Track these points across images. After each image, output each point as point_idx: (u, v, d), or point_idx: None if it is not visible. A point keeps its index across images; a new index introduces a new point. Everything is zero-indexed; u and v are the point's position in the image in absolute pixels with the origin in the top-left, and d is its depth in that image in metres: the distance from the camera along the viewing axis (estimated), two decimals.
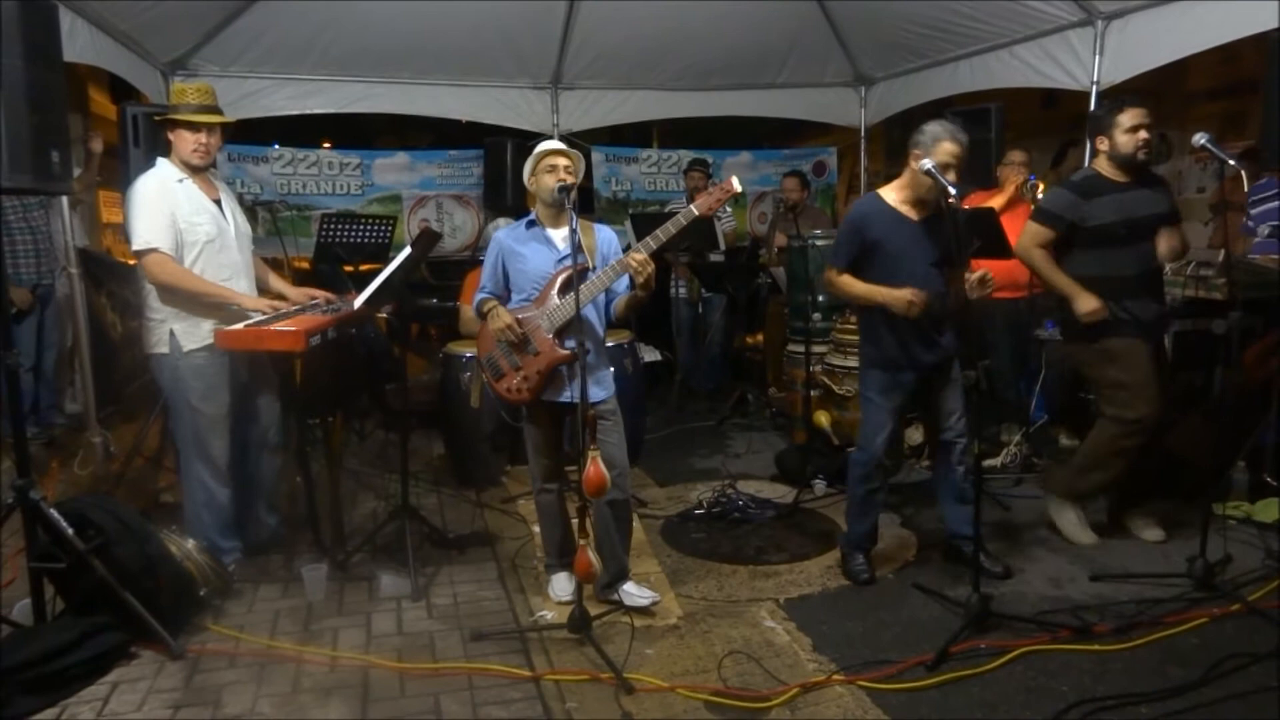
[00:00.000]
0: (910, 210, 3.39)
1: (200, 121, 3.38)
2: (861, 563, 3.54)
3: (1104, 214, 3.57)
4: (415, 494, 4.30)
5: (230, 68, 5.87)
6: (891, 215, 3.39)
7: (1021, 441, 4.88)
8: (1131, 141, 3.52)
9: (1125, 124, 3.53)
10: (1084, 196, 3.61)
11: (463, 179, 7.42)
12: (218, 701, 2.75)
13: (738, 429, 5.90)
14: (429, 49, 6.15)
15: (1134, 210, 3.56)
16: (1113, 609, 3.19)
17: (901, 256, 3.34)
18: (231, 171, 6.67)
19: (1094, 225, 3.58)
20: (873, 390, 3.51)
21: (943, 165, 3.20)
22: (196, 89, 3.43)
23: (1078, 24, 4.99)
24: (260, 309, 3.41)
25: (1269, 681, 2.68)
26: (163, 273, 3.31)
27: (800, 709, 2.67)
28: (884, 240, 3.36)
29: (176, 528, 3.46)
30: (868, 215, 3.42)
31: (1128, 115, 3.53)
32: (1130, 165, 3.56)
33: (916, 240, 3.36)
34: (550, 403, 3.25)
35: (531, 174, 3.24)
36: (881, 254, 3.37)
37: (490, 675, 2.87)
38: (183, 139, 3.40)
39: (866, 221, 3.41)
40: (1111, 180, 3.61)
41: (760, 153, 8.26)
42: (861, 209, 3.50)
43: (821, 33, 6.45)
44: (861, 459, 3.53)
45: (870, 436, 3.50)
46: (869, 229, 3.39)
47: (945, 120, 3.38)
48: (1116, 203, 3.56)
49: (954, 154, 3.25)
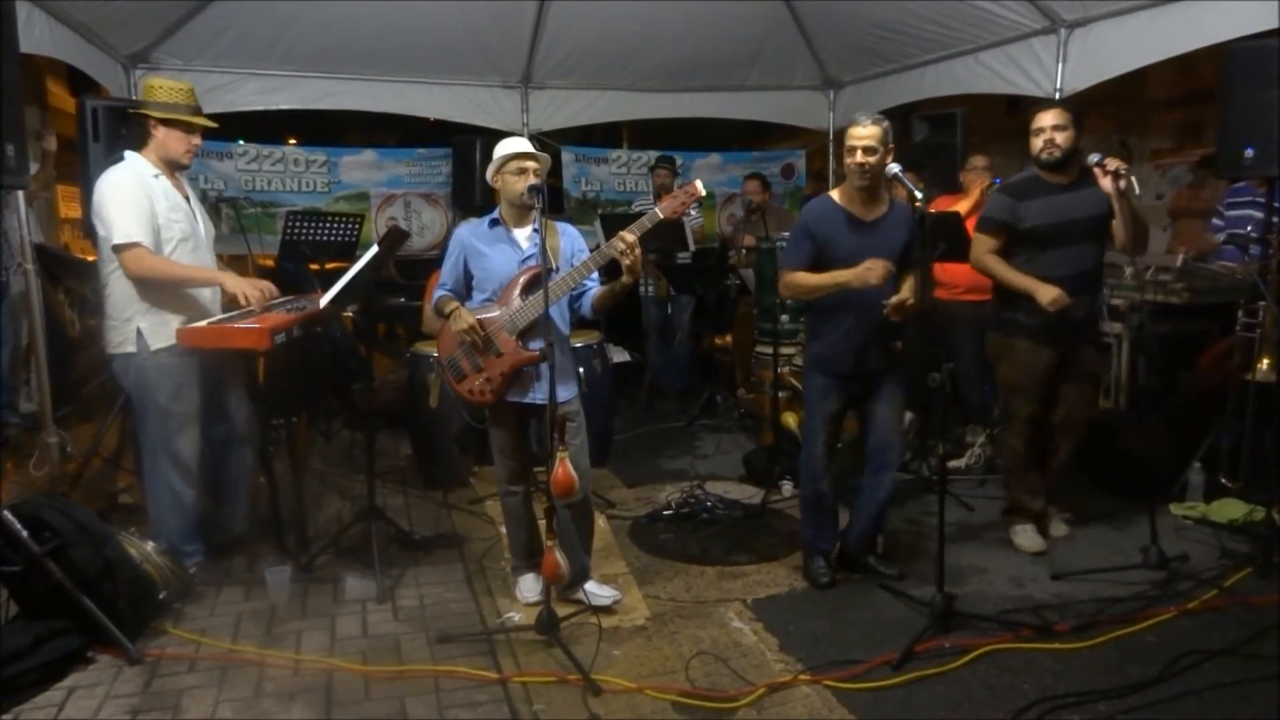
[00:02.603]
0: (859, 210, 3.38)
1: (198, 124, 3.38)
2: (821, 565, 3.55)
3: (1036, 216, 3.63)
4: (382, 495, 4.25)
5: (194, 62, 5.77)
6: (842, 216, 3.38)
7: (985, 443, 4.94)
8: (1035, 143, 3.62)
9: (1032, 127, 3.64)
10: (1019, 198, 3.67)
11: (431, 177, 7.37)
12: (177, 706, 2.71)
13: (706, 430, 5.92)
14: (397, 46, 6.09)
15: (1068, 212, 3.60)
16: (1073, 607, 3.25)
17: (853, 257, 3.32)
18: (195, 167, 6.44)
19: (1026, 227, 3.65)
20: (812, 392, 3.53)
21: (849, 149, 3.24)
22: (186, 89, 3.41)
23: (1041, 32, 5.07)
24: (242, 291, 3.33)
25: (1224, 678, 2.75)
26: (143, 266, 3.24)
27: (767, 709, 2.68)
28: (834, 241, 3.35)
29: (135, 529, 3.39)
30: (818, 217, 3.42)
31: (1035, 119, 3.63)
32: (1047, 166, 3.62)
33: (868, 240, 3.34)
34: (514, 404, 3.23)
35: (497, 173, 3.21)
36: (831, 255, 3.36)
37: (457, 677, 2.85)
38: (177, 139, 3.37)
39: (817, 223, 3.41)
40: (1048, 182, 3.65)
41: (729, 154, 8.30)
42: (812, 211, 3.50)
43: (790, 36, 6.49)
44: (804, 459, 3.58)
45: (810, 439, 3.54)
46: (819, 230, 3.38)
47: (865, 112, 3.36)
48: (1050, 204, 3.62)
49: (856, 135, 3.25)
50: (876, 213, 3.38)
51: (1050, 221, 3.61)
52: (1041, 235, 3.63)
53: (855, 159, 3.26)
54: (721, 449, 5.48)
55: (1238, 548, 3.72)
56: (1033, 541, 3.82)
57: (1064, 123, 3.56)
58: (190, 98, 3.41)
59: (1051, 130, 3.56)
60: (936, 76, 5.96)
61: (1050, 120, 3.58)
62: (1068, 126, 3.56)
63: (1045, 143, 3.58)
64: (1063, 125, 3.56)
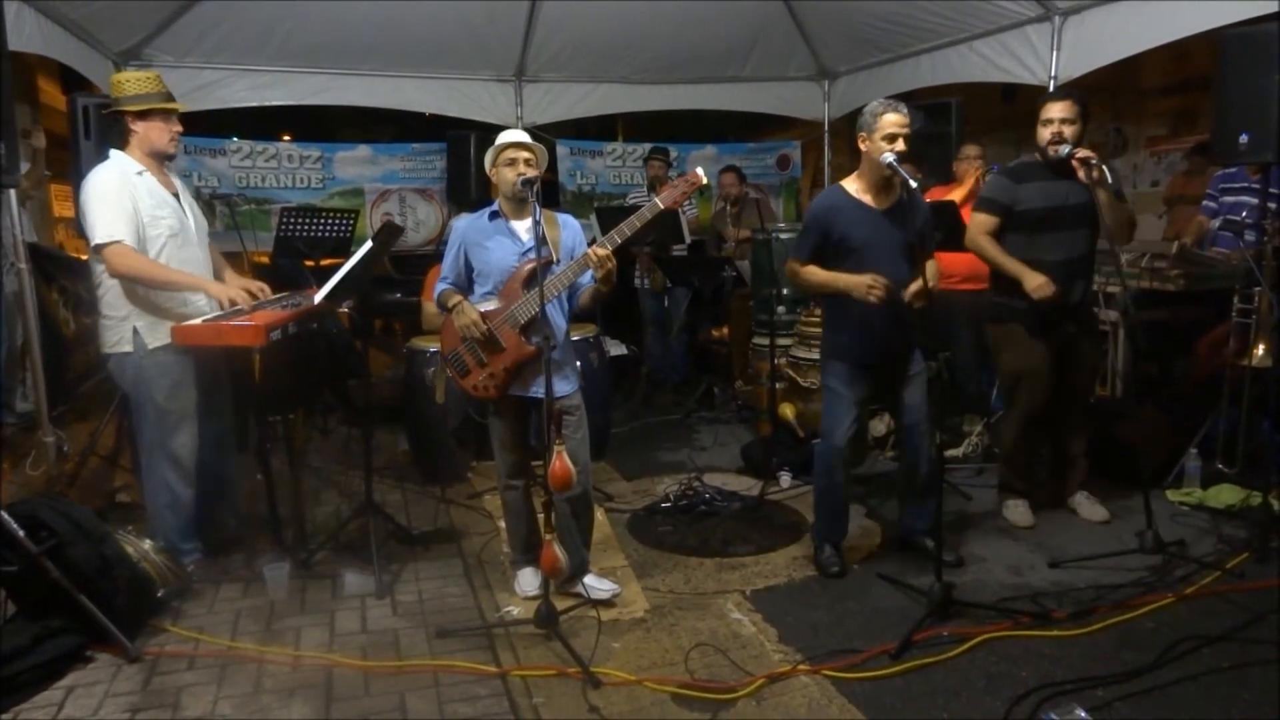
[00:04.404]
0: (873, 199, 3.38)
1: (175, 110, 3.34)
2: (830, 554, 3.55)
3: (1033, 199, 3.66)
4: (379, 491, 4.25)
5: (185, 58, 5.75)
6: (855, 206, 3.38)
7: (983, 432, 4.95)
8: (1043, 134, 3.62)
9: (1041, 117, 3.63)
10: (1017, 181, 3.71)
11: (426, 172, 7.35)
12: (176, 704, 2.70)
13: (704, 422, 5.92)
14: (391, 41, 6.07)
15: (1065, 198, 3.64)
16: (1071, 595, 3.26)
17: (867, 247, 3.33)
18: (188, 164, 6.53)
19: (1023, 210, 3.68)
20: (836, 381, 3.50)
21: (890, 137, 3.20)
22: (153, 78, 3.37)
23: (1036, 20, 5.06)
24: (226, 297, 3.32)
25: (1220, 663, 2.76)
26: (126, 265, 3.22)
27: (766, 699, 2.68)
28: (849, 233, 3.35)
29: (133, 528, 3.39)
30: (832, 208, 3.41)
31: (1046, 108, 3.62)
32: (1053, 158, 3.60)
33: (882, 229, 3.34)
34: (515, 398, 3.23)
35: (492, 165, 3.21)
36: (848, 247, 3.36)
37: (456, 672, 2.86)
38: (158, 130, 3.33)
39: (831, 215, 3.39)
40: (1044, 170, 3.68)
41: (725, 146, 8.28)
42: (825, 202, 3.49)
43: (785, 27, 6.48)
44: (824, 450, 3.54)
45: (832, 428, 3.50)
46: (834, 222, 3.37)
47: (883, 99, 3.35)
48: (1047, 189, 3.65)
49: (898, 123, 3.21)
50: (889, 201, 3.38)
51: (1045, 205, 3.65)
52: (1036, 218, 3.66)
53: (896, 146, 3.18)
54: (719, 441, 5.48)
55: (1235, 533, 3.72)
56: (1022, 516, 3.92)
57: (1072, 115, 3.56)
58: (159, 85, 3.36)
59: (1060, 123, 3.56)
60: (931, 65, 5.95)
61: (1060, 112, 3.57)
62: (1076, 120, 3.57)
63: (1053, 135, 3.58)
64: (1071, 119, 3.56)
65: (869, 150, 3.28)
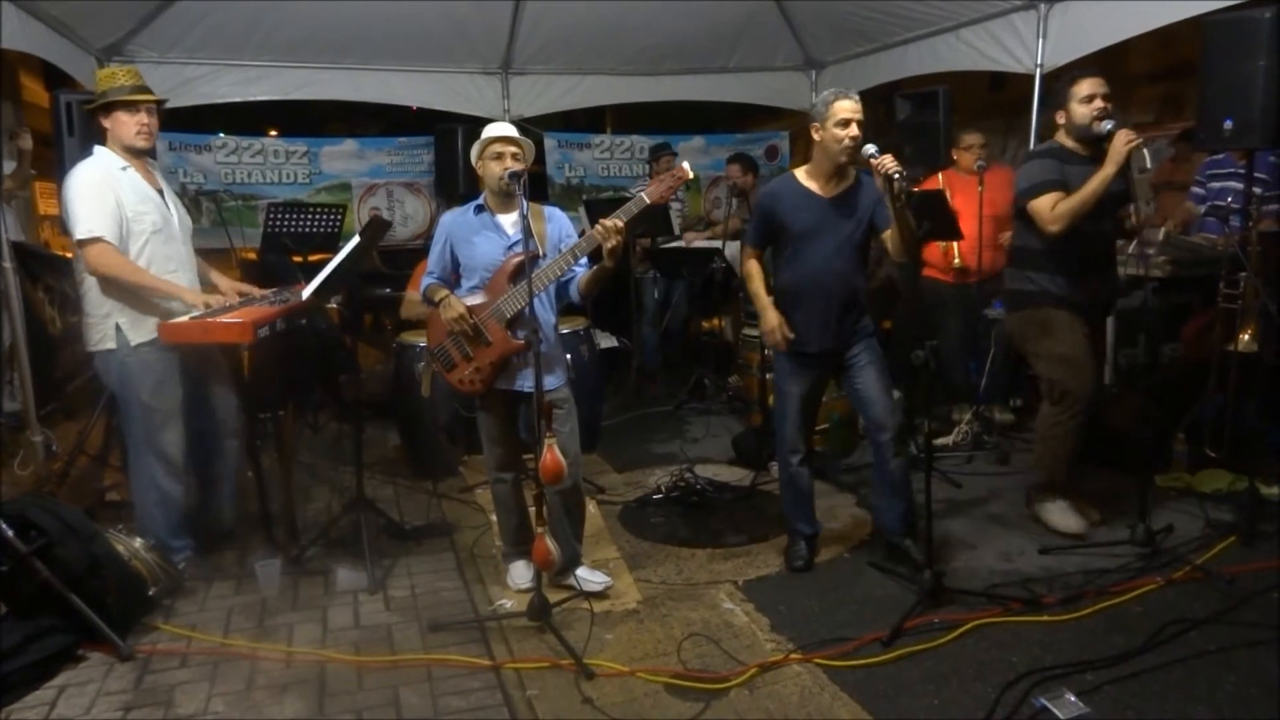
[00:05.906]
0: (820, 187, 3.34)
1: (138, 101, 3.29)
2: (799, 548, 3.54)
3: (1076, 184, 3.50)
4: (371, 486, 4.24)
5: (169, 53, 5.70)
6: (799, 194, 3.35)
7: (972, 420, 4.97)
8: (1087, 111, 3.49)
9: (1080, 94, 3.51)
10: (1063, 162, 3.56)
11: (413, 166, 7.32)
12: (169, 702, 2.70)
13: (695, 413, 5.92)
14: (376, 34, 6.02)
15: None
16: (1061, 580, 3.29)
17: (808, 234, 3.31)
18: (173, 161, 6.50)
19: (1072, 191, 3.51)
20: (779, 374, 3.52)
21: (843, 123, 3.18)
22: (127, 71, 3.35)
23: (1021, 8, 5.07)
24: (201, 304, 3.31)
25: (1208, 646, 2.79)
26: (104, 263, 3.20)
27: (759, 688, 2.70)
28: (790, 219, 3.33)
29: (123, 526, 3.38)
30: (775, 195, 3.41)
31: (1083, 85, 3.51)
32: (1087, 137, 3.52)
33: (825, 217, 3.31)
34: (504, 391, 3.23)
35: (478, 159, 3.20)
36: (788, 233, 3.35)
37: (449, 666, 2.86)
38: (122, 123, 3.30)
39: (774, 202, 3.39)
40: (1075, 154, 3.57)
41: (713, 137, 8.26)
42: (770, 189, 3.49)
43: (771, 17, 6.45)
44: (777, 442, 3.58)
45: (779, 420, 3.53)
46: (776, 210, 3.37)
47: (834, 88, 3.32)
48: (1083, 175, 3.49)
49: (851, 110, 3.18)
50: (840, 188, 3.34)
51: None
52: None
53: (850, 131, 3.17)
54: (710, 432, 5.48)
55: (1222, 517, 3.75)
56: (1074, 522, 3.69)
57: (1108, 91, 3.50)
58: (132, 79, 3.34)
59: (1103, 99, 3.47)
60: (918, 55, 5.95)
61: (1100, 87, 3.48)
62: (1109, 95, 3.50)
63: (1100, 110, 3.46)
64: (1109, 93, 3.49)
65: (822, 139, 3.26)
